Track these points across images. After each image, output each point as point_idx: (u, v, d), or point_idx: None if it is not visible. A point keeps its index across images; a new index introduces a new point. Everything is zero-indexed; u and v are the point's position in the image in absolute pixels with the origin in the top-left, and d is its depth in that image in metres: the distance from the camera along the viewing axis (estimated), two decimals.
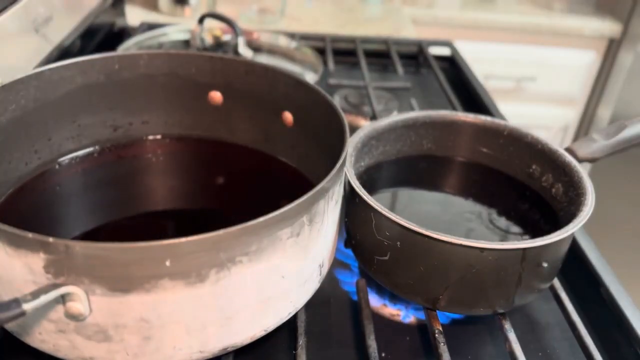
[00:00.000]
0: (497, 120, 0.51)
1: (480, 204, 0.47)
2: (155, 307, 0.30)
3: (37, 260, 0.28)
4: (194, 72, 0.50)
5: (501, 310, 0.41)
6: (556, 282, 0.45)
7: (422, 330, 0.43)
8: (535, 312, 0.46)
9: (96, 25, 0.78)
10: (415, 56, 0.93)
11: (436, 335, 0.40)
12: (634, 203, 1.36)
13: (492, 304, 0.40)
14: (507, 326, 0.40)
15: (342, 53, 0.90)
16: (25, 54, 0.55)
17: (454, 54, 0.93)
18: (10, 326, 0.33)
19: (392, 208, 0.40)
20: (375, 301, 0.45)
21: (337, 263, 0.48)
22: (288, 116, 0.49)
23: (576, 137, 1.60)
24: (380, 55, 0.92)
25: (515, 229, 0.45)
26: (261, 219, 0.30)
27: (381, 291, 0.46)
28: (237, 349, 0.35)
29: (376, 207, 0.39)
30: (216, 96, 0.51)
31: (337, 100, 0.73)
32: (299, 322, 0.40)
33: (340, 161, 0.35)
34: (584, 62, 1.46)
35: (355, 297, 0.45)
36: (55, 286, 0.28)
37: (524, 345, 0.39)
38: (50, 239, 0.27)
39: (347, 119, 0.41)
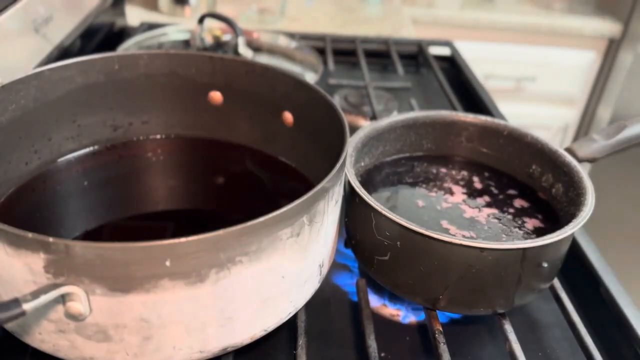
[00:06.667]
0: (497, 120, 0.51)
1: (480, 203, 0.47)
2: (155, 307, 0.30)
3: (37, 260, 0.28)
4: (194, 72, 0.50)
5: (501, 310, 0.41)
6: (556, 282, 0.45)
7: (422, 330, 0.43)
8: (535, 312, 0.46)
9: (96, 25, 0.78)
10: (415, 56, 0.93)
11: (436, 335, 0.39)
12: (634, 203, 1.36)
13: (492, 304, 0.40)
14: (507, 326, 0.40)
15: (342, 53, 0.90)
16: (25, 54, 0.55)
17: (454, 54, 0.93)
18: (10, 326, 0.33)
19: (392, 208, 0.40)
20: (375, 301, 0.45)
21: (336, 264, 0.48)
22: (288, 116, 0.49)
23: (576, 137, 1.60)
24: (380, 55, 0.92)
25: (515, 229, 0.45)
26: (261, 219, 0.30)
27: (381, 291, 0.46)
28: (237, 349, 0.35)
29: (376, 207, 0.39)
30: (216, 96, 0.51)
31: (337, 100, 0.73)
32: (299, 322, 0.40)
33: (340, 161, 0.35)
34: (583, 62, 1.46)
35: (355, 297, 0.45)
36: (55, 286, 0.28)
37: (524, 345, 0.39)
38: (50, 239, 0.27)
39: (347, 119, 0.41)
